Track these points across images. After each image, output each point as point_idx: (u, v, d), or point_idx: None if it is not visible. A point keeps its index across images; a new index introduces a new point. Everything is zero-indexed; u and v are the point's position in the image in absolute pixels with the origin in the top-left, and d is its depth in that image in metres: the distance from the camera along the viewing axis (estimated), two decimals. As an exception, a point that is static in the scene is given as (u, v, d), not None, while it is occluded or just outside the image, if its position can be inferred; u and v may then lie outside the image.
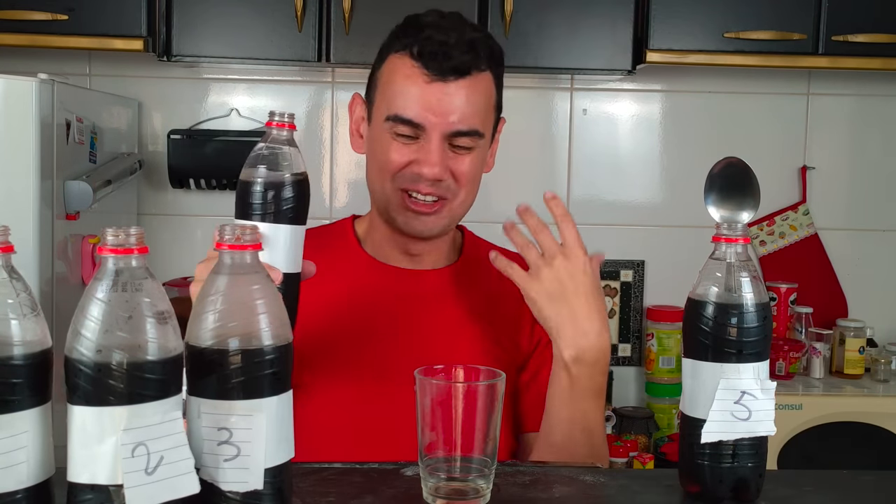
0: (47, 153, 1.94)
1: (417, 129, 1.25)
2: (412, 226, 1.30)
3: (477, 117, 1.27)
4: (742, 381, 0.90)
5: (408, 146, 1.27)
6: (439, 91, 1.24)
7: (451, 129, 1.25)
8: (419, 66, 1.24)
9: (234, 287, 0.78)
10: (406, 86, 1.25)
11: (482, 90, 1.27)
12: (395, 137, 1.27)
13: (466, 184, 1.29)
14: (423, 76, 1.24)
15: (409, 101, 1.25)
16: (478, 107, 1.27)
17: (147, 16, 2.24)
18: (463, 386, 0.93)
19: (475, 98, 1.26)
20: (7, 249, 0.74)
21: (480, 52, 1.26)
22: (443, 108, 1.24)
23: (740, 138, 2.70)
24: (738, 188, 1.03)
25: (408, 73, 1.25)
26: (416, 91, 1.24)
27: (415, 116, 1.25)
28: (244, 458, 0.76)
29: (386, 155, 1.28)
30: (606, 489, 0.98)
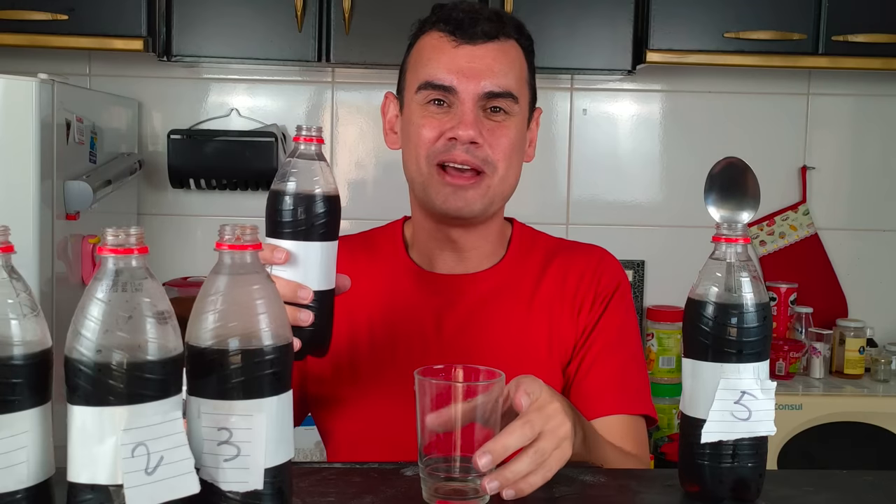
0: (47, 153, 1.94)
1: (449, 93, 1.23)
2: (450, 203, 1.24)
3: (509, 79, 1.24)
4: (742, 381, 0.90)
5: (440, 118, 1.24)
6: (468, 53, 1.23)
7: (483, 90, 1.23)
8: (446, 35, 1.24)
9: (234, 287, 0.78)
10: (434, 54, 1.25)
11: (512, 56, 1.26)
12: (427, 109, 1.24)
13: (504, 157, 1.24)
14: (451, 42, 1.24)
15: (438, 67, 1.24)
16: (509, 69, 1.25)
17: (147, 16, 2.24)
18: (462, 386, 0.93)
19: (505, 60, 1.25)
20: (7, 249, 0.74)
21: (507, 22, 1.27)
22: (473, 68, 1.23)
23: (740, 138, 2.70)
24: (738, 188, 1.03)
25: (435, 44, 1.25)
26: (445, 56, 1.24)
27: (445, 79, 1.23)
28: (244, 458, 0.76)
29: (419, 132, 1.25)
30: (606, 489, 0.97)
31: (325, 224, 0.99)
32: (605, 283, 1.32)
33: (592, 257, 1.35)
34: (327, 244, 1.00)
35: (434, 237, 1.31)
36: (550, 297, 1.30)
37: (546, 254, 1.35)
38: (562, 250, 1.36)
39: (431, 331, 1.28)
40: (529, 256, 1.34)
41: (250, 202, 2.64)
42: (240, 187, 2.59)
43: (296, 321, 0.97)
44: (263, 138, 2.52)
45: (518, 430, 0.91)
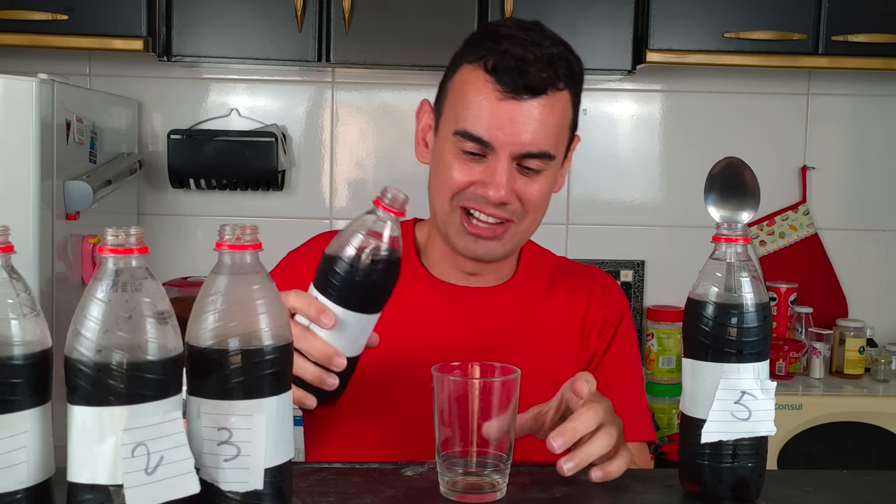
0: (47, 153, 1.94)
1: (485, 147, 1.17)
2: (471, 250, 1.23)
3: (549, 139, 1.19)
4: (742, 381, 0.90)
5: (473, 165, 1.19)
6: (512, 109, 1.16)
7: (520, 151, 1.17)
8: (492, 82, 1.16)
9: (234, 287, 0.78)
10: (477, 101, 1.17)
11: (558, 110, 1.19)
12: (461, 154, 1.19)
13: (533, 209, 1.22)
14: (496, 92, 1.16)
15: (479, 118, 1.17)
16: (551, 128, 1.18)
17: (147, 16, 2.25)
18: (479, 382, 0.93)
19: (549, 118, 1.18)
20: (7, 249, 0.74)
21: (559, 70, 1.17)
22: (514, 127, 1.16)
23: (740, 138, 2.70)
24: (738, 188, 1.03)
25: (480, 88, 1.17)
26: (487, 107, 1.16)
27: (484, 134, 1.17)
28: (244, 458, 0.76)
29: (449, 172, 1.20)
30: (606, 489, 0.97)
31: (384, 299, 0.98)
32: (612, 310, 1.33)
33: (598, 282, 1.35)
34: (375, 316, 0.99)
35: (447, 258, 1.29)
36: (558, 317, 1.31)
37: (552, 272, 1.35)
38: (566, 271, 1.36)
39: (444, 340, 1.26)
40: (537, 274, 1.34)
41: (250, 202, 2.64)
42: (240, 187, 2.59)
43: (321, 384, 0.97)
44: (263, 138, 2.52)
45: (584, 414, 0.96)
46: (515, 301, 1.31)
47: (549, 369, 1.25)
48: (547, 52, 1.17)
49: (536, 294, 1.32)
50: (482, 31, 1.24)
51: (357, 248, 0.94)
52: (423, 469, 1.00)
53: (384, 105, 2.69)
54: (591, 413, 0.97)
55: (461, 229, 1.22)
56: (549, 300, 1.32)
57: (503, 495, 0.93)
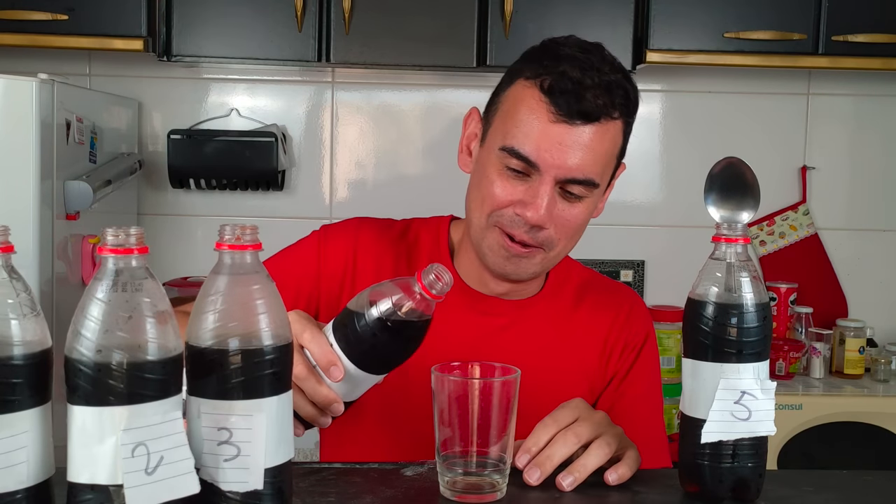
0: (47, 153, 1.94)
1: (530, 167, 1.15)
2: (502, 267, 1.21)
3: (596, 167, 1.16)
4: (742, 381, 0.90)
5: (516, 184, 1.16)
6: (563, 133, 1.13)
7: (565, 176, 1.15)
8: (546, 102, 1.13)
9: (234, 287, 0.78)
10: (528, 119, 1.14)
11: (608, 138, 1.16)
12: (505, 170, 1.16)
13: (569, 235, 1.20)
14: (549, 113, 1.13)
15: (528, 137, 1.14)
16: (599, 156, 1.16)
17: (147, 16, 2.25)
18: (479, 382, 0.93)
19: (599, 146, 1.15)
20: (7, 249, 0.74)
21: (616, 98, 1.15)
22: (562, 151, 1.13)
23: (740, 138, 2.70)
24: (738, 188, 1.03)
25: (533, 107, 1.14)
26: (537, 127, 1.13)
27: (531, 154, 1.14)
28: (244, 458, 0.76)
29: (491, 187, 1.17)
30: (606, 489, 0.97)
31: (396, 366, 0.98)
32: (635, 332, 1.31)
33: (625, 302, 1.33)
34: (376, 377, 0.99)
35: (477, 268, 1.27)
36: (582, 335, 1.29)
37: (579, 288, 1.33)
38: (593, 287, 1.34)
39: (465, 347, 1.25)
40: (564, 289, 1.32)
41: (250, 202, 2.64)
42: (240, 187, 2.59)
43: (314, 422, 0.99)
44: (263, 138, 2.52)
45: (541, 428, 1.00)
46: (540, 316, 1.29)
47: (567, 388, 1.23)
48: (605, 78, 1.14)
49: (562, 310, 1.30)
50: (542, 47, 1.20)
51: (384, 315, 0.93)
52: (423, 469, 1.00)
53: (384, 105, 2.69)
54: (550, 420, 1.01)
55: (496, 244, 1.20)
56: (573, 317, 1.30)
57: (503, 495, 0.93)
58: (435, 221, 1.34)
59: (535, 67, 1.16)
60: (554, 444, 0.99)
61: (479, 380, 0.95)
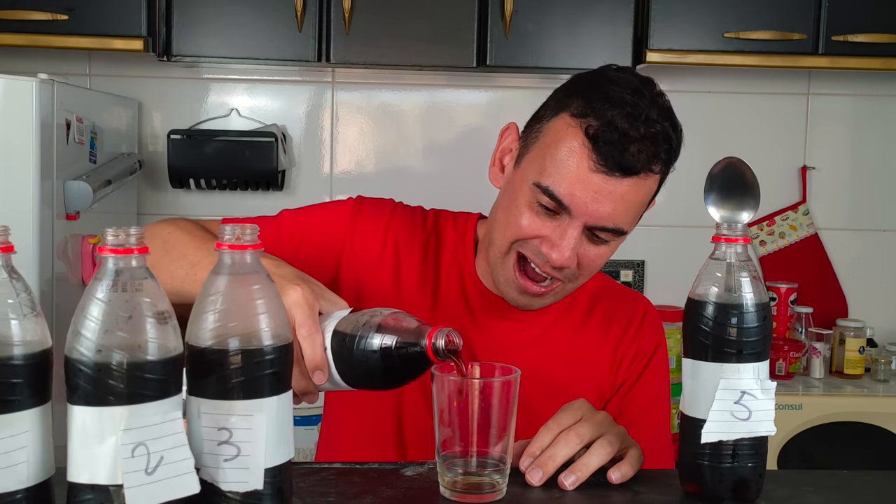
0: (47, 153, 1.94)
1: (562, 208, 1.13)
2: (513, 299, 1.21)
3: (628, 217, 1.15)
4: (742, 381, 0.90)
5: (545, 220, 1.15)
6: (600, 183, 1.11)
7: (595, 224, 1.14)
8: (589, 149, 1.11)
9: (234, 287, 0.78)
10: (568, 162, 1.12)
11: (644, 191, 1.15)
12: (536, 205, 1.15)
13: (587, 272, 1.20)
14: (590, 161, 1.11)
15: (564, 180, 1.12)
16: (633, 206, 1.15)
17: (147, 16, 2.25)
18: (479, 382, 0.93)
19: (634, 198, 1.14)
20: (7, 249, 0.74)
21: (659, 152, 1.13)
22: (597, 201, 1.12)
23: (740, 138, 2.70)
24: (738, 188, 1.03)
25: (575, 150, 1.12)
26: (575, 173, 1.11)
27: (564, 198, 1.12)
28: (244, 458, 0.76)
29: (518, 218, 1.16)
30: (606, 489, 0.97)
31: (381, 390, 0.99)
32: (646, 341, 1.31)
33: (637, 311, 1.33)
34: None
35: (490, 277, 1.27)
36: (593, 343, 1.29)
37: (592, 295, 1.32)
38: (606, 295, 1.34)
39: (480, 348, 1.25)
40: (579, 296, 1.31)
41: (250, 202, 2.64)
42: (240, 187, 2.59)
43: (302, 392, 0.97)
44: (263, 138, 2.52)
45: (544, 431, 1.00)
46: (555, 323, 1.29)
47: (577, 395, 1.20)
48: (652, 129, 1.12)
49: (575, 318, 1.30)
50: (594, 78, 1.19)
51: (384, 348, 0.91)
52: (423, 469, 1.00)
53: (384, 105, 2.69)
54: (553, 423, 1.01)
55: (511, 278, 1.19)
56: (586, 325, 1.30)
57: (503, 495, 0.93)
58: (462, 218, 1.33)
59: (582, 105, 1.14)
60: (556, 445, 0.99)
61: (479, 380, 0.95)
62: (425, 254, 1.28)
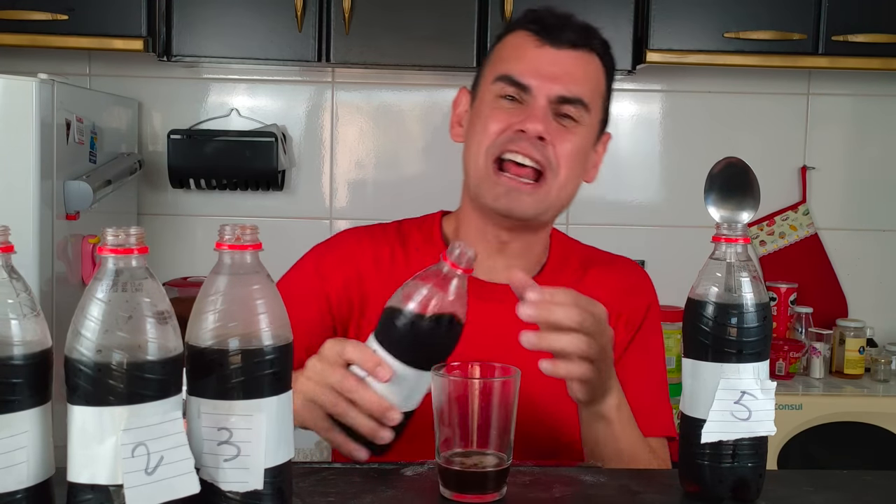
0: (47, 153, 1.94)
1: (523, 91, 1.23)
2: (503, 202, 1.22)
3: (584, 88, 1.24)
4: (742, 381, 0.90)
5: (510, 111, 1.23)
6: (550, 55, 1.23)
7: (557, 94, 1.22)
8: (533, 34, 1.24)
9: (234, 287, 0.78)
10: (517, 52, 1.25)
11: (592, 70, 1.26)
12: (499, 102, 1.24)
13: (567, 162, 1.23)
14: (536, 41, 1.24)
15: (518, 61, 1.24)
16: (586, 80, 1.25)
17: (147, 16, 2.25)
18: (479, 382, 0.93)
19: (583, 70, 1.24)
20: (7, 249, 0.74)
21: (594, 36, 1.26)
22: (551, 71, 1.22)
23: (740, 138, 2.70)
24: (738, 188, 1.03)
25: (520, 42, 1.25)
26: (527, 55, 1.24)
27: (521, 76, 1.22)
28: (244, 458, 0.76)
29: (486, 124, 1.24)
30: (606, 489, 0.97)
31: (444, 357, 0.96)
32: (638, 303, 1.33)
33: (627, 275, 1.35)
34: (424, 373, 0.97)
35: (484, 237, 1.28)
36: None
37: (581, 264, 1.34)
38: (596, 262, 1.35)
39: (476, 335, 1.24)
40: (566, 266, 1.33)
41: (250, 202, 2.64)
42: (240, 187, 2.59)
43: (374, 437, 0.97)
44: (263, 138, 2.52)
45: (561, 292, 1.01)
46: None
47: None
48: (586, 24, 1.27)
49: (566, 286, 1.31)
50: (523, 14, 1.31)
51: (420, 303, 0.94)
52: (423, 469, 1.00)
53: (384, 105, 2.69)
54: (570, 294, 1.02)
55: (494, 181, 1.22)
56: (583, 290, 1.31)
57: (503, 495, 0.93)
58: (424, 218, 1.37)
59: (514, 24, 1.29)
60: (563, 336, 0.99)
61: (479, 380, 0.95)
62: (393, 258, 1.30)
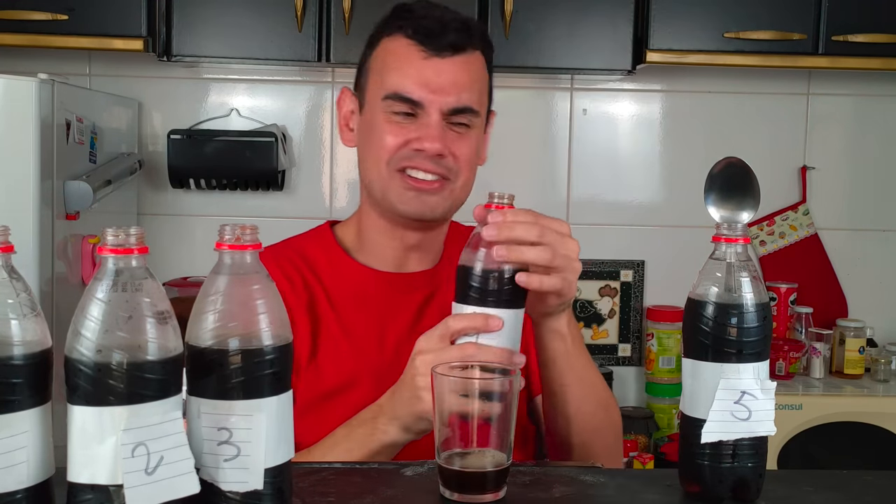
0: (47, 153, 1.94)
1: (415, 106, 1.24)
2: (412, 206, 1.27)
3: (473, 94, 1.26)
4: (742, 381, 0.90)
5: (405, 126, 1.25)
6: (436, 67, 1.24)
7: (449, 106, 1.24)
8: (415, 44, 1.24)
9: (234, 287, 0.78)
10: (402, 64, 1.25)
11: (476, 69, 1.27)
12: (392, 118, 1.25)
13: (466, 166, 1.28)
14: (420, 53, 1.24)
15: (406, 79, 1.24)
16: (473, 84, 1.27)
17: (147, 16, 2.24)
18: (479, 382, 0.93)
19: (470, 75, 1.26)
20: (7, 249, 0.74)
21: (474, 32, 1.27)
22: (440, 84, 1.23)
23: (740, 138, 2.70)
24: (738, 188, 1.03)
25: (403, 53, 1.25)
26: (413, 69, 1.24)
27: (412, 93, 1.23)
28: (244, 458, 0.76)
29: (382, 138, 1.26)
30: (606, 489, 0.98)
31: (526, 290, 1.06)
32: None
33: None
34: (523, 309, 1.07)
35: (391, 239, 1.32)
36: None
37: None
38: None
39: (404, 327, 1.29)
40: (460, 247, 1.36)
41: (250, 202, 2.64)
42: (240, 187, 2.59)
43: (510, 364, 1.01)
44: (263, 138, 2.52)
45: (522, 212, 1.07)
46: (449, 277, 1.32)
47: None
48: (461, 17, 1.27)
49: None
50: (394, 10, 1.30)
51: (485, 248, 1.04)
52: (423, 469, 1.00)
53: (384, 105, 2.68)
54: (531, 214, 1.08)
55: (401, 187, 1.26)
56: None
57: (503, 495, 0.93)
58: (314, 233, 1.38)
59: (393, 23, 1.27)
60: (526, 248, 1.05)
61: (479, 380, 0.95)
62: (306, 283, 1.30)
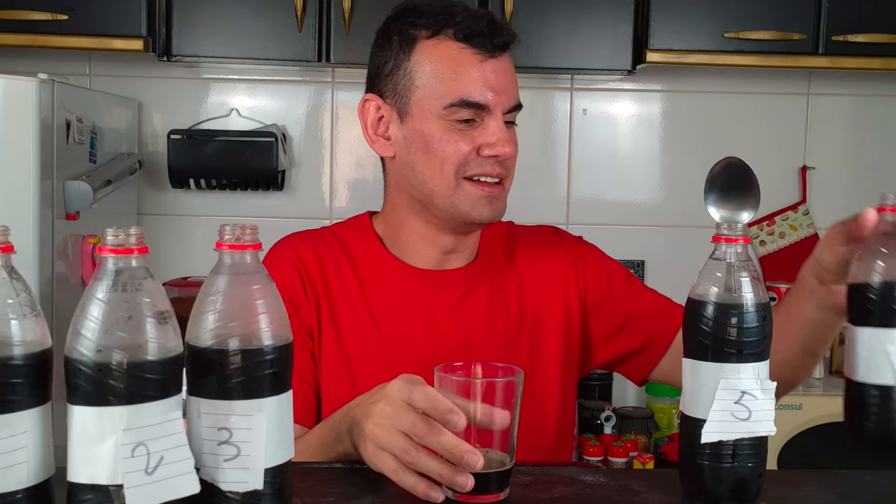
0: (47, 153, 1.94)
1: (480, 110, 1.22)
2: (486, 212, 1.25)
3: (517, 91, 1.28)
4: (742, 381, 0.90)
5: (468, 133, 1.23)
6: (494, 68, 1.23)
7: (508, 105, 1.24)
8: (467, 47, 1.22)
9: (234, 287, 0.78)
10: (462, 69, 1.22)
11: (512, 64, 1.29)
12: (455, 125, 1.22)
13: (514, 163, 1.28)
14: (476, 56, 1.22)
15: (470, 84, 1.21)
16: (516, 80, 1.28)
17: (147, 16, 2.24)
18: (481, 382, 0.93)
19: (513, 71, 1.27)
20: (7, 249, 0.74)
21: (512, 31, 1.28)
22: (501, 85, 1.23)
23: (740, 138, 2.70)
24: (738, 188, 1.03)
25: (459, 58, 1.22)
26: (475, 72, 1.22)
27: (480, 98, 1.21)
28: (244, 458, 0.76)
29: (447, 147, 1.23)
30: (606, 489, 0.98)
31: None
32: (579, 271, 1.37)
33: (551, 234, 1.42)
34: None
35: (428, 244, 1.31)
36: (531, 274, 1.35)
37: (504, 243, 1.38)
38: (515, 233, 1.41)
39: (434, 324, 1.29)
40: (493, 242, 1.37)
41: (250, 202, 2.64)
42: (240, 187, 2.59)
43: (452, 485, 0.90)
44: (263, 138, 2.52)
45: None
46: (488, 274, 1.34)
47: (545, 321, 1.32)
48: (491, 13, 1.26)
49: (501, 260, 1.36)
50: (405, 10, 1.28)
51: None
52: (423, 469, 1.00)
53: (384, 105, 2.68)
54: None
55: (473, 195, 1.24)
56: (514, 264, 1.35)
57: (505, 496, 0.93)
58: (355, 221, 1.38)
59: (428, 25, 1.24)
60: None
61: (481, 380, 0.95)
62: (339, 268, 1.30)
